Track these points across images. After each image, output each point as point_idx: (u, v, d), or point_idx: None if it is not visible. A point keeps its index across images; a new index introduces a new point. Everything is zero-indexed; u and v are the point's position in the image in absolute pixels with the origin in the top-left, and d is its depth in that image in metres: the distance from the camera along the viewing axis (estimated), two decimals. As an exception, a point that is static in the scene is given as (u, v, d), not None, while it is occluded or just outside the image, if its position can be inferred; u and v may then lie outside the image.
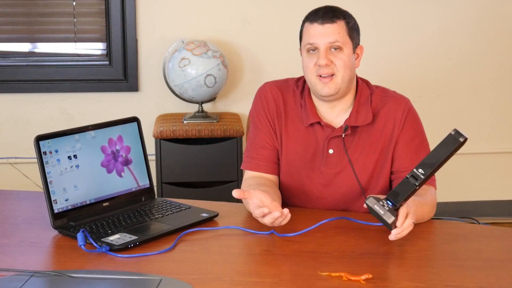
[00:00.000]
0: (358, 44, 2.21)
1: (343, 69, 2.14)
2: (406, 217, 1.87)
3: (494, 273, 1.78)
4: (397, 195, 1.87)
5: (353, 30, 2.17)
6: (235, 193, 1.94)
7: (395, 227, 1.86)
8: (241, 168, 2.31)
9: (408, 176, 1.86)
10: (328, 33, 2.13)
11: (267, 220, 1.96)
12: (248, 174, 2.27)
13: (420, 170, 1.85)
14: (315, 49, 2.15)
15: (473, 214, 4.07)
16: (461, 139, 1.82)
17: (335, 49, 2.14)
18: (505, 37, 3.95)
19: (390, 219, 1.85)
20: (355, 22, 2.20)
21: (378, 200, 1.88)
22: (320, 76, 2.14)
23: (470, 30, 3.92)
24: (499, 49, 3.96)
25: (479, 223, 3.82)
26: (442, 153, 1.84)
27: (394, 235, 1.86)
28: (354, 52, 2.18)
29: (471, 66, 3.96)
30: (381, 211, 1.86)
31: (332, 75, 2.13)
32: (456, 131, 1.83)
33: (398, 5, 3.88)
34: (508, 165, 4.10)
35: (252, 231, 2.01)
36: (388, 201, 1.88)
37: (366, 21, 3.81)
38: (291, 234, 1.97)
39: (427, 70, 3.95)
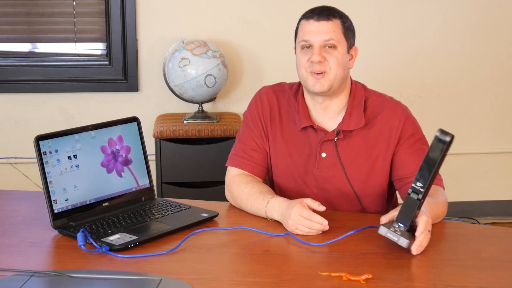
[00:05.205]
0: (353, 45, 2.21)
1: (336, 66, 2.14)
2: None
3: (494, 273, 1.78)
4: (405, 216, 1.87)
5: (348, 31, 2.18)
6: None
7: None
8: (227, 165, 2.29)
9: (409, 193, 1.85)
10: (323, 31, 2.13)
11: (316, 226, 1.98)
12: (235, 172, 2.26)
13: (418, 183, 1.83)
14: (309, 46, 2.15)
15: (473, 214, 4.08)
16: (448, 138, 1.76)
17: (329, 47, 2.14)
18: (505, 38, 3.95)
19: (404, 243, 1.85)
20: (351, 23, 2.20)
21: (389, 226, 1.88)
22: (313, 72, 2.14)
23: (470, 30, 3.92)
24: (499, 50, 3.96)
25: (479, 223, 3.83)
26: (435, 159, 1.79)
27: (415, 249, 1.85)
28: (348, 53, 2.18)
29: (471, 66, 3.96)
30: (395, 238, 1.86)
31: (325, 73, 2.13)
32: (442, 132, 1.77)
33: (398, 6, 3.88)
34: (508, 165, 4.10)
35: (252, 229, 2.01)
36: (399, 223, 1.88)
37: (367, 22, 3.82)
38: (319, 244, 1.94)
39: (427, 70, 3.95)
